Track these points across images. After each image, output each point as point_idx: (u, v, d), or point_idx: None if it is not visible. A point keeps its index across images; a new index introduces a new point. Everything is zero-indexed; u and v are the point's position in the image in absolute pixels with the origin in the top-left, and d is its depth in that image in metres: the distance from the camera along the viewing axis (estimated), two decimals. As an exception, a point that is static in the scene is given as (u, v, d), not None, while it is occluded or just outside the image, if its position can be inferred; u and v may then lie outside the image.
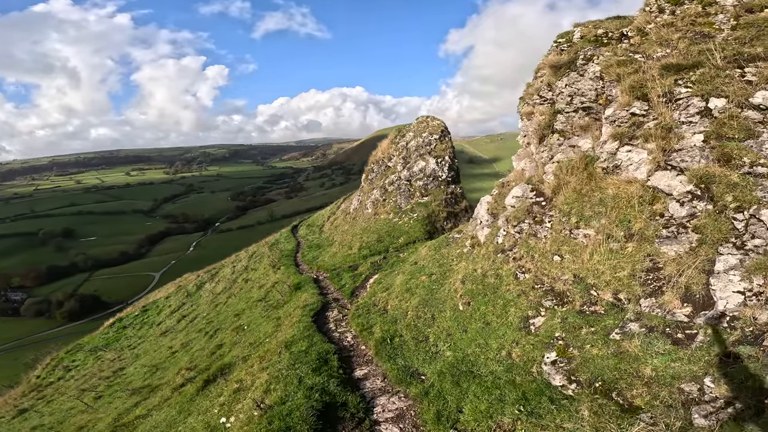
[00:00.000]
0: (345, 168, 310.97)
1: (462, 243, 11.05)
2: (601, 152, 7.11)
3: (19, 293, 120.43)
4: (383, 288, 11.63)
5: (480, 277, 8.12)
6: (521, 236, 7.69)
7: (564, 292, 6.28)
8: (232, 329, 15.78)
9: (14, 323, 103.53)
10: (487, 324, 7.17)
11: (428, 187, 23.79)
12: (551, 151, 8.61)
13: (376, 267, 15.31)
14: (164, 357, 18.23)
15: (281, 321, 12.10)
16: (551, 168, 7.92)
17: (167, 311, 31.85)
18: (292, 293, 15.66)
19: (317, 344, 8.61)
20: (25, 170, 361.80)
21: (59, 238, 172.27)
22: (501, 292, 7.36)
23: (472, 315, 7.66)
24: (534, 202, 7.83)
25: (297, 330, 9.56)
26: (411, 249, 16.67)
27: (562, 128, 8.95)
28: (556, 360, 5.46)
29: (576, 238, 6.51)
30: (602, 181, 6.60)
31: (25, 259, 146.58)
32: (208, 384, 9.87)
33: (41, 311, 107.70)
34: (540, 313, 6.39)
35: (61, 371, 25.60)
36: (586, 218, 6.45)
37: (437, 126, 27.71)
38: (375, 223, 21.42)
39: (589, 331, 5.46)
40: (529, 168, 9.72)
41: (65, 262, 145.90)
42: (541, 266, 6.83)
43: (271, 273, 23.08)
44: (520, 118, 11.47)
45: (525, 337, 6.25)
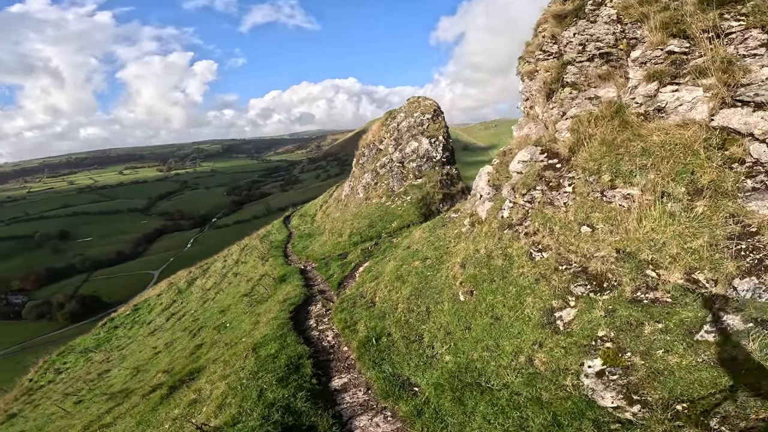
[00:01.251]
0: (340, 159, 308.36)
1: (460, 222, 9.64)
2: (632, 98, 5.65)
3: (20, 296, 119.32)
4: (372, 277, 10.26)
5: (484, 259, 6.73)
6: (533, 206, 6.28)
7: (603, 273, 4.87)
8: (215, 327, 14.48)
9: (16, 326, 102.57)
10: (497, 319, 5.81)
11: (422, 169, 22.29)
12: (562, 107, 7.17)
13: (367, 254, 13.94)
14: (147, 358, 16.97)
15: (260, 317, 10.75)
16: (565, 124, 6.50)
17: (158, 309, 30.57)
18: (276, 286, 14.31)
19: (290, 346, 7.26)
20: (16, 173, 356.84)
21: (55, 239, 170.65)
22: (512, 276, 5.98)
23: (476, 307, 6.29)
24: (546, 165, 6.42)
25: (270, 329, 8.21)
26: (405, 233, 15.29)
27: (575, 80, 7.48)
28: (603, 370, 4.07)
29: (612, 201, 5.10)
30: (641, 128, 5.19)
31: (22, 262, 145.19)
32: (174, 391, 8.58)
33: (43, 313, 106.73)
34: (569, 303, 5.00)
35: (52, 374, 24.46)
36: (625, 174, 5.04)
37: (429, 105, 26.06)
38: (366, 209, 19.99)
39: (656, 328, 4.04)
40: (535, 131, 8.26)
41: (63, 263, 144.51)
42: (564, 241, 5.43)
43: (260, 266, 21.71)
44: (520, 79, 10.00)
45: (551, 337, 4.87)
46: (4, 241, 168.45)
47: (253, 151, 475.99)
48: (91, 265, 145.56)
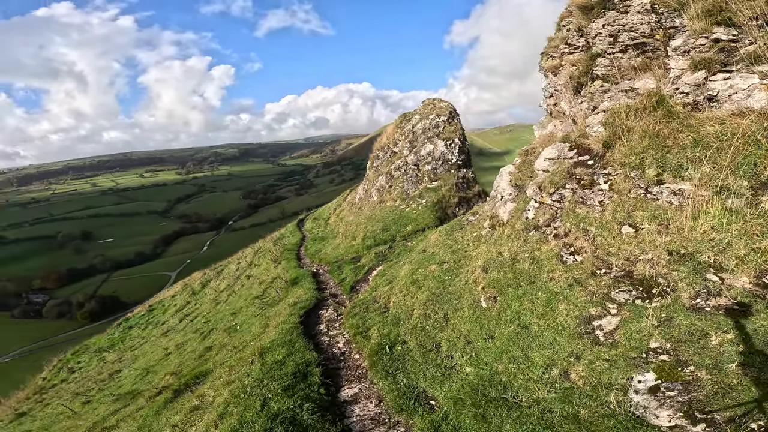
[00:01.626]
0: (354, 163, 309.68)
1: (479, 225, 9.17)
2: (675, 88, 5.15)
3: (41, 295, 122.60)
4: (386, 281, 9.85)
5: (508, 263, 6.26)
6: (563, 206, 5.80)
7: (652, 277, 4.36)
8: (225, 329, 14.27)
9: (37, 325, 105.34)
10: (525, 328, 5.33)
11: (437, 172, 21.84)
12: (593, 101, 6.69)
13: (381, 258, 13.54)
14: (158, 359, 16.88)
15: (270, 321, 10.44)
16: (597, 118, 6.01)
17: (172, 310, 30.74)
18: (288, 289, 14.02)
19: (298, 352, 6.89)
20: (41, 175, 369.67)
21: (78, 240, 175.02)
22: (541, 281, 5.50)
23: (500, 315, 5.82)
24: (576, 162, 5.94)
25: (278, 333, 7.87)
26: (420, 237, 14.85)
27: (606, 73, 6.99)
28: (657, 385, 3.59)
29: (658, 198, 4.60)
30: (690, 118, 4.68)
31: (45, 262, 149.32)
32: (178, 395, 8.30)
33: (63, 312, 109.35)
34: (609, 311, 4.51)
35: (66, 373, 24.70)
36: (674, 168, 4.54)
37: (445, 107, 25.64)
38: (380, 212, 19.62)
39: (725, 339, 3.54)
40: (561, 128, 7.76)
41: (84, 264, 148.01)
42: (602, 243, 4.95)
43: (272, 268, 21.54)
44: (543, 75, 9.53)
45: (591, 349, 4.38)
46: (28, 241, 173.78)
47: (269, 155, 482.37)
48: (111, 266, 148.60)
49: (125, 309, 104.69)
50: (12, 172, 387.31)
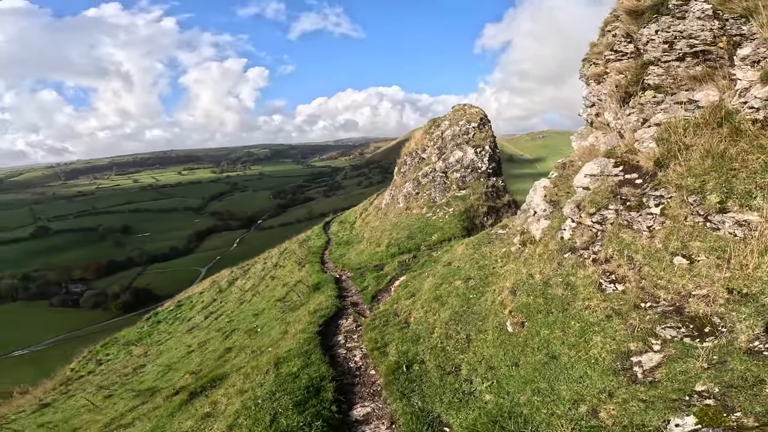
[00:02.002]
0: (382, 167, 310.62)
1: (508, 240, 8.69)
2: (743, 102, 4.59)
3: (80, 285, 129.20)
4: (408, 293, 9.52)
5: (539, 286, 5.81)
6: (604, 228, 5.31)
7: (707, 316, 3.88)
8: (246, 331, 14.34)
9: (74, 314, 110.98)
10: (553, 358, 4.89)
11: (466, 180, 21.30)
12: (643, 113, 6.14)
13: (405, 267, 13.21)
14: (180, 356, 17.22)
15: (289, 327, 10.32)
16: (649, 133, 5.50)
17: (199, 307, 31.52)
18: (309, 294, 13.93)
19: (313, 365, 6.68)
20: (87, 170, 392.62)
21: (118, 233, 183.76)
22: (576, 309, 5.05)
23: (527, 341, 5.38)
24: (622, 180, 5.43)
25: (296, 342, 7.70)
26: (446, 247, 14.42)
27: (659, 83, 6.42)
28: (696, 430, 3.14)
29: (719, 228, 4.09)
30: (761, 137, 4.13)
31: (86, 253, 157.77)
32: (193, 398, 8.28)
33: (98, 303, 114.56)
34: (651, 347, 4.05)
35: (93, 365, 25.70)
36: (741, 195, 4.01)
37: (475, 113, 25.06)
38: (406, 219, 19.29)
39: None
40: (603, 141, 7.21)
41: (122, 256, 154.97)
42: (650, 273, 4.46)
43: (296, 271, 21.64)
44: (584, 83, 8.96)
45: (626, 386, 3.94)
46: (72, 232, 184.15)
47: (299, 156, 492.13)
48: (147, 259, 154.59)
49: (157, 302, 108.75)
50: (60, 167, 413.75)
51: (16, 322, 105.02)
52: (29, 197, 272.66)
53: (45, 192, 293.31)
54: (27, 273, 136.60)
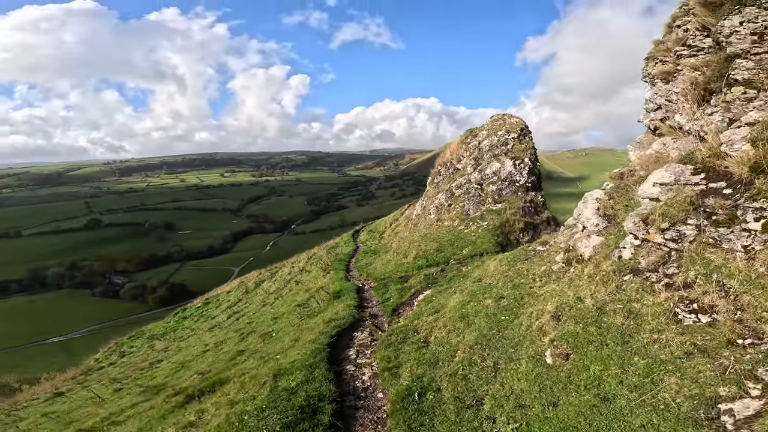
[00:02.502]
0: (416, 178, 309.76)
1: (549, 258, 7.64)
2: None
3: (122, 277, 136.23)
4: (432, 309, 8.62)
5: (591, 313, 4.80)
6: (681, 246, 4.27)
7: None
8: (262, 335, 13.90)
9: (113, 304, 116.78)
10: (606, 400, 3.91)
11: (502, 193, 20.11)
12: (730, 111, 5.09)
13: (431, 281, 12.29)
14: (195, 355, 17.05)
15: (302, 335, 9.67)
16: (740, 134, 4.43)
17: (224, 306, 31.82)
18: (329, 302, 13.29)
19: (315, 381, 5.94)
20: (140, 168, 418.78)
21: (161, 229, 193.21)
22: (640, 343, 4.05)
23: (571, 377, 4.40)
24: (705, 190, 4.38)
25: (302, 354, 7.01)
26: (476, 262, 13.37)
27: (749, 77, 5.32)
28: None
29: None
30: None
31: (131, 247, 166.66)
32: (189, 401, 7.77)
33: (136, 295, 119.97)
34: (748, 393, 3.05)
35: (116, 357, 26.28)
36: None
37: (515, 124, 23.86)
38: (437, 231, 18.35)
39: None
40: (675, 147, 6.11)
41: (163, 251, 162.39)
42: (751, 303, 3.44)
43: (321, 277, 21.17)
44: (649, 83, 7.88)
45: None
46: (120, 226, 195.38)
47: (335, 164, 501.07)
48: (185, 256, 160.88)
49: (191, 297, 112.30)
50: (116, 164, 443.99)
51: (58, 309, 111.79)
52: (86, 191, 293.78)
53: (100, 187, 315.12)
54: (75, 262, 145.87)
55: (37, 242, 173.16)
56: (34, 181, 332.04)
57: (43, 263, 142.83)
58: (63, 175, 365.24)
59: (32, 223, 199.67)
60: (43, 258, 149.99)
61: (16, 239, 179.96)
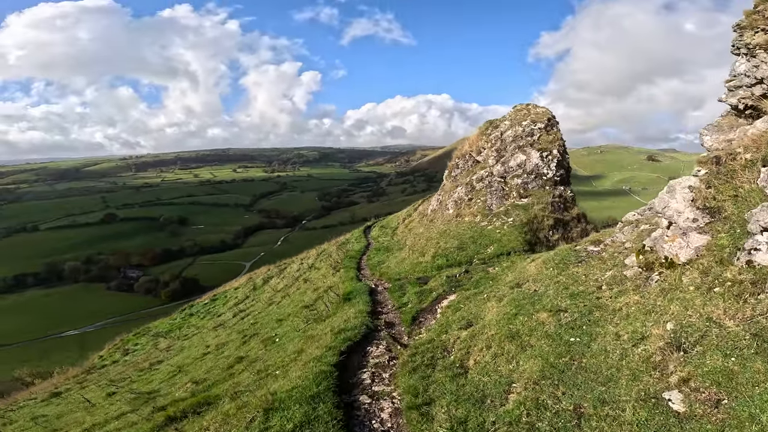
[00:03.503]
0: (427, 175, 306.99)
1: (613, 260, 6.07)
2: None
3: (136, 271, 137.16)
4: (462, 320, 7.12)
5: (745, 342, 3.26)
6: None
7: None
8: (264, 340, 12.62)
9: (127, 298, 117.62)
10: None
11: (528, 187, 18.43)
12: None
13: (454, 283, 10.79)
14: (195, 358, 15.92)
15: (306, 346, 8.28)
16: None
17: (231, 303, 30.83)
18: (338, 305, 11.90)
19: (319, 422, 4.48)
20: (155, 163, 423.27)
21: (175, 224, 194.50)
22: None
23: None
24: None
25: (304, 378, 5.60)
26: (505, 262, 11.81)
27: None
28: None
29: None
30: None
31: (145, 241, 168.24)
32: (167, 425, 6.39)
33: (150, 289, 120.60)
34: None
35: (119, 355, 25.44)
36: None
37: (542, 113, 22.06)
38: (456, 227, 16.79)
39: None
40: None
41: (177, 246, 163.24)
42: None
43: (330, 275, 19.83)
44: (745, 56, 6.27)
45: None
46: (135, 221, 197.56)
47: (347, 160, 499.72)
48: (198, 251, 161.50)
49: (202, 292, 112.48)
50: (132, 159, 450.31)
51: (74, 303, 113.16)
52: (103, 186, 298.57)
53: (116, 182, 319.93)
54: (91, 256, 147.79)
55: (54, 236, 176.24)
56: (52, 177, 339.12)
57: (59, 257, 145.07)
58: (80, 171, 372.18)
59: (49, 218, 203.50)
60: (60, 252, 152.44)
61: (33, 233, 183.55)
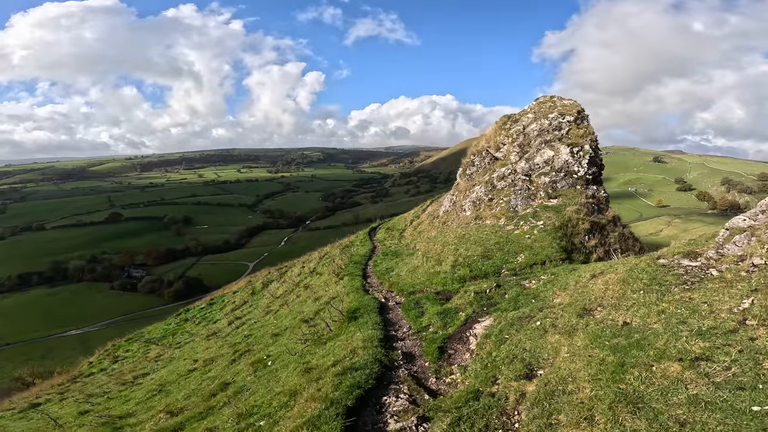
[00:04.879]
0: (431, 176, 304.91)
1: (746, 281, 3.99)
2: None
3: (140, 270, 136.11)
4: (518, 363, 5.08)
5: None
6: None
7: None
8: (254, 362, 10.67)
9: (131, 297, 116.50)
10: None
11: (557, 186, 16.36)
12: None
13: (485, 302, 8.75)
14: (180, 375, 14.03)
15: (300, 389, 6.26)
16: None
17: (228, 308, 29.01)
18: (342, 325, 9.91)
19: None
20: (160, 163, 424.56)
21: (180, 224, 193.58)
22: None
23: None
24: None
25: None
26: (542, 274, 9.77)
27: None
28: None
29: None
30: None
31: (150, 240, 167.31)
32: None
33: (153, 289, 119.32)
34: None
35: (108, 362, 23.66)
36: None
37: (570, 105, 19.99)
38: (477, 231, 14.74)
39: None
40: None
41: (181, 246, 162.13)
42: None
43: (332, 283, 17.87)
44: None
45: None
46: (140, 220, 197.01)
47: (350, 160, 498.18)
48: (202, 250, 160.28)
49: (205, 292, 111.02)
50: (137, 159, 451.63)
51: (77, 302, 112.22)
52: (108, 185, 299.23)
53: (122, 181, 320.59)
54: (95, 255, 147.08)
55: (60, 235, 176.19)
56: (58, 176, 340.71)
57: (64, 256, 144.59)
58: (86, 170, 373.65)
59: (55, 217, 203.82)
60: (66, 251, 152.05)
61: (39, 232, 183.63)
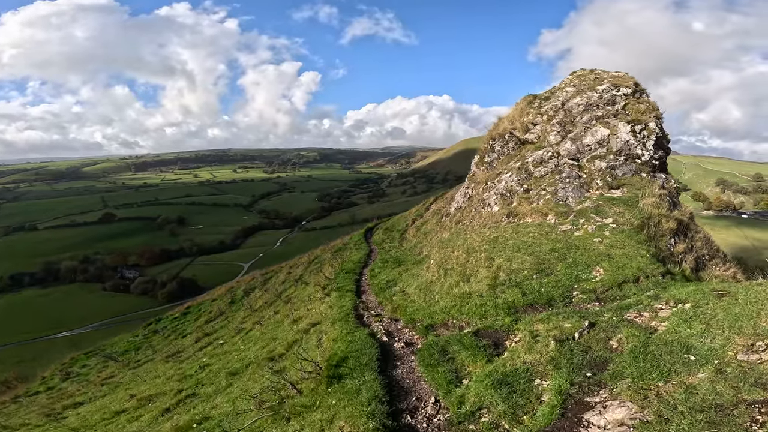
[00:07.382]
0: (427, 176, 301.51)
1: None
2: None
3: (133, 271, 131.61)
4: None
5: None
6: None
7: None
8: (192, 418, 6.50)
9: (123, 298, 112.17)
10: None
11: (617, 173, 12.30)
12: None
13: (580, 357, 4.61)
14: (105, 416, 9.86)
15: None
16: None
17: (202, 320, 24.95)
18: (319, 387, 5.75)
19: None
20: (155, 163, 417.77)
21: (174, 224, 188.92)
22: None
23: None
24: None
25: None
26: (659, 302, 5.66)
27: None
28: None
29: None
30: None
31: (143, 241, 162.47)
32: None
33: (146, 290, 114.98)
34: None
35: (59, 379, 19.63)
36: None
37: (622, 78, 15.88)
38: (516, 233, 10.55)
39: None
40: None
41: (175, 246, 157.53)
42: None
43: (317, 299, 13.76)
44: None
45: None
46: (133, 220, 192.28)
47: (347, 161, 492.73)
48: (196, 251, 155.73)
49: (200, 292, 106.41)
50: (132, 159, 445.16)
51: (69, 303, 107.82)
52: (102, 185, 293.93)
53: (116, 181, 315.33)
54: (88, 255, 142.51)
55: (52, 236, 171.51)
56: (52, 176, 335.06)
57: (57, 256, 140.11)
58: (79, 170, 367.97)
59: (48, 217, 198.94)
60: (58, 251, 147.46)
61: (31, 232, 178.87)
